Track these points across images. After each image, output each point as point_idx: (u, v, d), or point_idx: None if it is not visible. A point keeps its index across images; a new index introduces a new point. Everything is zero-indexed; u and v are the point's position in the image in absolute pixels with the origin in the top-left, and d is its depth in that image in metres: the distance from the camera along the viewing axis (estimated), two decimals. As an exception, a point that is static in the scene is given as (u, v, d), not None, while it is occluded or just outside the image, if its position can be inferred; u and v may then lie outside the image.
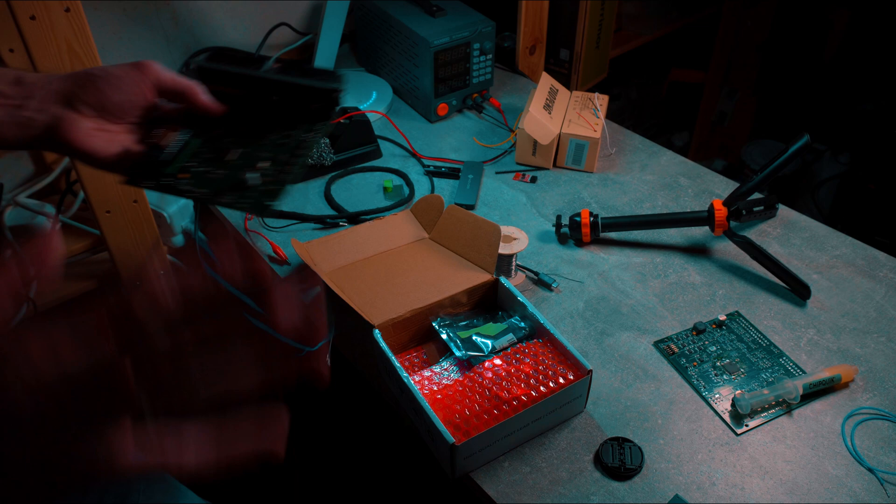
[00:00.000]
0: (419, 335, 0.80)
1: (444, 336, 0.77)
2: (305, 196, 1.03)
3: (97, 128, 0.55)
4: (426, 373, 0.74)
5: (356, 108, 1.09)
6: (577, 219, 0.94)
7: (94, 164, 0.56)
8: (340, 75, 0.60)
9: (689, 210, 1.00)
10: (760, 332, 0.83)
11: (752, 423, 0.73)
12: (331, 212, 1.00)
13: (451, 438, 0.64)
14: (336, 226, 0.98)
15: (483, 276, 0.82)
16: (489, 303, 0.84)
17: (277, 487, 1.25)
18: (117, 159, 0.56)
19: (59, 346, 0.32)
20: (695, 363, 0.79)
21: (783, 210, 1.01)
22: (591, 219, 0.94)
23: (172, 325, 0.34)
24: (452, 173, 1.07)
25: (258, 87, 0.61)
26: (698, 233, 0.98)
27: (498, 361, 0.74)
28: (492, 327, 0.79)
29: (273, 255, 0.93)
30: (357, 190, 1.05)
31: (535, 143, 1.07)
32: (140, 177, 0.56)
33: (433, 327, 0.79)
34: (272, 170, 0.55)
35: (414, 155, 1.12)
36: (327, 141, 1.05)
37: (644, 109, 2.03)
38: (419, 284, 0.81)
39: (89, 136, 0.54)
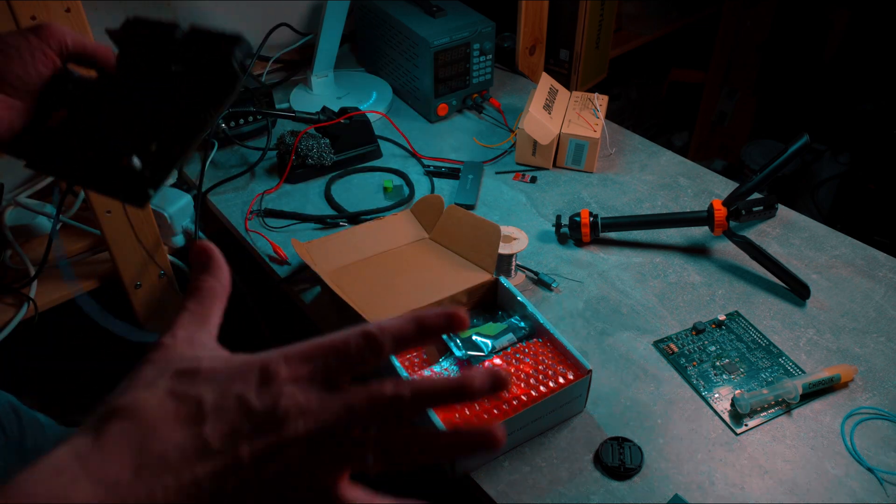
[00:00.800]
0: (419, 335, 0.80)
1: (443, 336, 0.77)
2: (305, 196, 1.03)
3: None
4: (426, 372, 0.75)
5: (356, 108, 1.09)
6: (577, 219, 0.94)
7: None
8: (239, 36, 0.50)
9: (688, 210, 1.00)
10: (760, 332, 0.83)
11: (751, 423, 0.73)
12: (331, 212, 1.00)
13: None
14: (336, 226, 0.98)
15: (483, 276, 0.82)
16: (489, 303, 0.84)
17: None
18: (21, 135, 0.49)
19: None
20: (694, 363, 0.79)
21: (783, 210, 1.01)
22: (591, 219, 0.94)
23: None
24: (452, 173, 1.07)
25: (164, 57, 0.50)
26: (698, 233, 0.98)
27: (498, 361, 0.74)
28: (492, 327, 0.79)
29: (273, 254, 0.93)
30: (357, 190, 1.05)
31: (535, 143, 1.07)
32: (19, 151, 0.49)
33: None
34: (158, 152, 0.46)
35: (414, 155, 1.12)
36: (327, 141, 1.05)
37: (644, 109, 2.03)
38: (419, 284, 0.81)
39: None
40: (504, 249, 0.85)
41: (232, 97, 0.48)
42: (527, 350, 0.75)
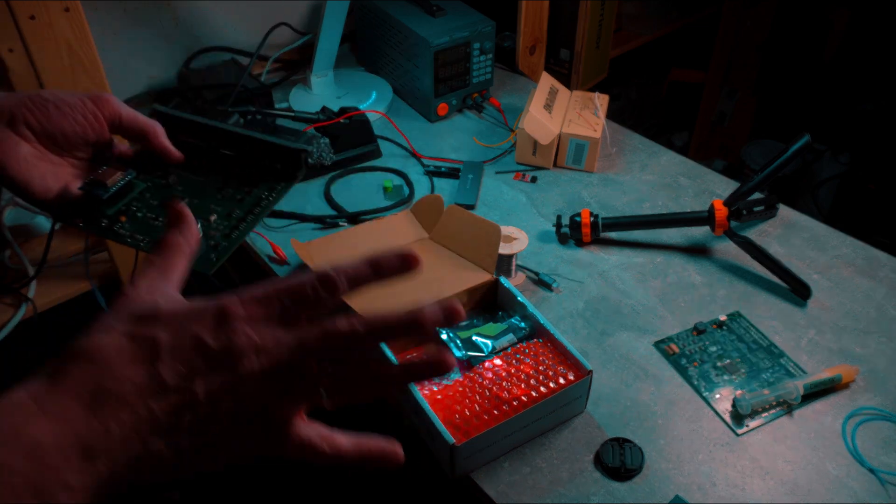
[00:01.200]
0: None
1: (444, 336, 0.77)
2: (305, 196, 1.03)
3: (38, 156, 0.49)
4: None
5: (356, 108, 1.09)
6: (578, 219, 0.94)
7: (25, 197, 0.50)
8: (310, 136, 0.56)
9: (689, 210, 1.00)
10: (761, 333, 0.83)
11: (752, 424, 0.73)
12: (331, 212, 1.00)
13: (451, 439, 0.64)
14: (336, 226, 0.98)
15: (483, 276, 0.82)
16: (489, 303, 0.84)
17: (278, 487, 1.25)
18: (52, 196, 0.51)
19: None
20: (695, 363, 0.79)
21: (783, 210, 1.01)
22: (592, 219, 0.94)
23: None
24: (452, 173, 1.07)
25: (220, 140, 0.57)
26: (698, 233, 0.98)
27: (498, 362, 0.74)
28: (492, 327, 0.79)
29: (273, 255, 0.92)
30: (357, 190, 1.05)
31: (536, 142, 1.07)
32: (75, 215, 0.52)
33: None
34: (221, 224, 0.53)
35: (414, 155, 1.11)
36: (327, 141, 1.05)
37: (644, 109, 2.03)
38: (419, 284, 0.81)
39: (26, 164, 0.49)
40: (504, 249, 0.85)
41: (295, 182, 0.56)
42: (527, 350, 0.75)
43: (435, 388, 0.72)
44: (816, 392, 0.75)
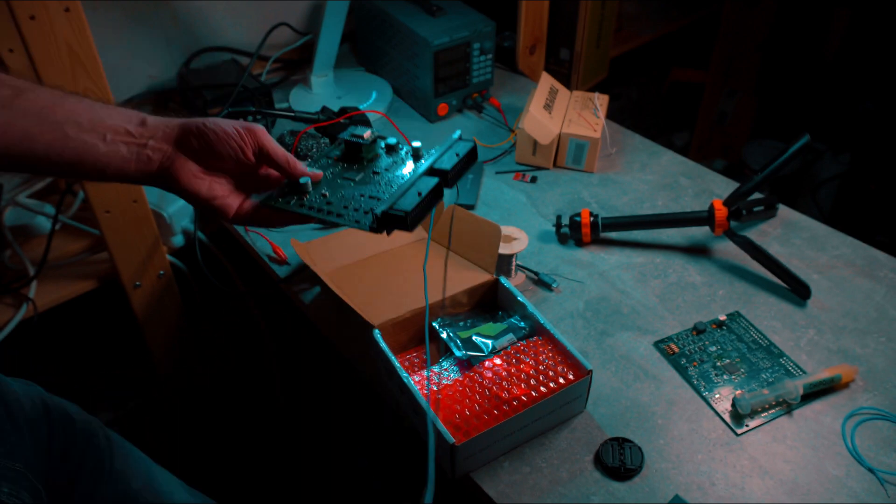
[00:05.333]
0: (419, 335, 0.80)
1: (443, 336, 0.77)
2: (305, 196, 1.03)
3: (201, 171, 0.61)
4: (426, 373, 0.74)
5: (356, 108, 1.08)
6: (578, 219, 0.94)
7: (196, 204, 0.62)
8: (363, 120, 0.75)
9: (689, 210, 1.00)
10: (761, 332, 0.83)
11: (752, 424, 0.73)
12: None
13: (451, 438, 0.64)
14: (336, 225, 0.97)
15: (483, 276, 0.82)
16: (489, 303, 0.84)
17: (278, 487, 1.25)
18: (217, 203, 0.62)
19: None
20: (695, 363, 0.79)
21: (783, 210, 1.01)
22: (592, 219, 0.94)
23: None
24: (452, 173, 1.07)
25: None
26: (698, 233, 0.98)
27: (498, 361, 0.74)
28: (492, 327, 0.78)
29: (273, 255, 0.93)
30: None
31: (535, 142, 1.07)
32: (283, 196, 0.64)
33: (433, 327, 0.79)
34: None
35: (414, 155, 1.11)
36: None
37: (644, 109, 2.03)
38: (419, 284, 0.81)
39: (194, 178, 0.60)
40: (504, 249, 0.85)
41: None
42: (527, 350, 0.75)
43: (435, 389, 0.72)
44: (816, 392, 0.75)
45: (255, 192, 0.65)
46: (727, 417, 0.74)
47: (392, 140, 0.70)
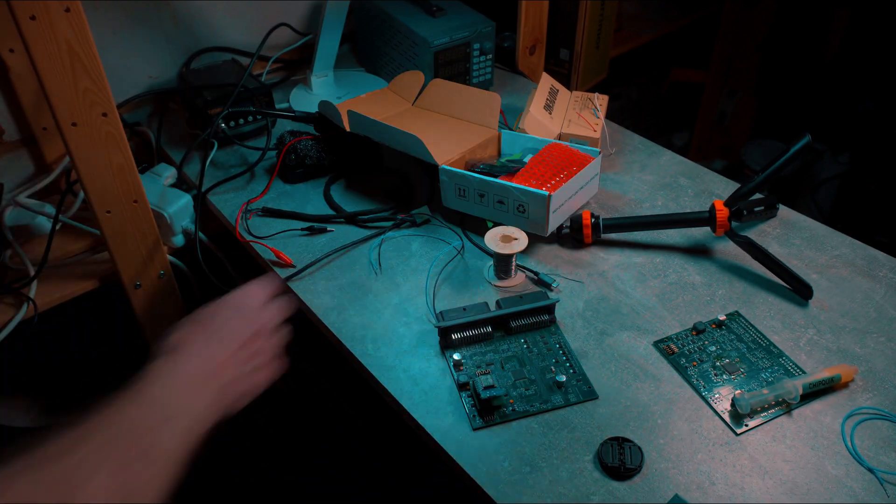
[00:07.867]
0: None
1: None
2: (306, 196, 1.03)
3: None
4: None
5: (356, 108, 1.09)
6: (579, 220, 0.94)
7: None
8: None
9: (689, 210, 1.00)
10: (760, 332, 0.83)
11: (751, 423, 0.73)
12: (330, 212, 1.00)
13: (545, 192, 0.82)
14: (324, 231, 0.97)
15: (489, 132, 0.97)
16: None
17: (277, 487, 1.25)
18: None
19: None
20: (694, 363, 0.79)
21: (783, 210, 1.01)
22: (593, 220, 0.94)
23: None
24: (452, 173, 1.07)
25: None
26: (698, 233, 0.98)
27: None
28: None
29: (275, 259, 0.92)
30: (357, 190, 1.05)
31: (535, 143, 1.07)
32: None
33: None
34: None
35: (414, 155, 1.11)
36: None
37: (644, 109, 2.03)
38: (440, 139, 0.95)
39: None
40: (504, 249, 0.85)
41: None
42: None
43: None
44: (815, 392, 0.75)
45: None
46: (727, 417, 0.74)
47: None
